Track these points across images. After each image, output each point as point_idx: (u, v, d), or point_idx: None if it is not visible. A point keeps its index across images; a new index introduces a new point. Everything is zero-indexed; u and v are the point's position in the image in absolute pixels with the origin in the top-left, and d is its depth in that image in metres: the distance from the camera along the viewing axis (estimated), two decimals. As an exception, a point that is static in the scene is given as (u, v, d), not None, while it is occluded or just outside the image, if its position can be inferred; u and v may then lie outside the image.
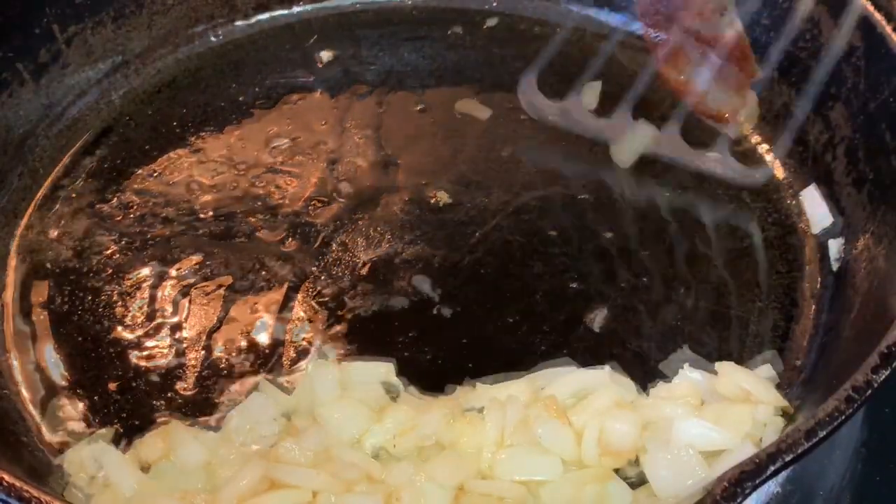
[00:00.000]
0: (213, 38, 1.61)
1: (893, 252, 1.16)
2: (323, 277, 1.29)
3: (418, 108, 1.49)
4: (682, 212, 1.33)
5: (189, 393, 1.19)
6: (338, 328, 1.24)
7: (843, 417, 0.93)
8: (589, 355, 1.18)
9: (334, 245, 1.32)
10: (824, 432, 0.92)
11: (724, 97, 1.34)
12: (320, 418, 1.11)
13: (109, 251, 1.32)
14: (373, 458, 1.09)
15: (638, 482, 1.07)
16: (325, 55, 1.58)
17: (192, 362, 1.21)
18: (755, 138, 1.38)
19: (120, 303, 1.28)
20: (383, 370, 1.18)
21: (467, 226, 1.34)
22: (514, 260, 1.29)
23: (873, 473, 1.19)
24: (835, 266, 1.26)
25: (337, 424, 1.10)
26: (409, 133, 1.46)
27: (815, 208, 1.32)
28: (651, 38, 1.55)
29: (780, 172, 1.38)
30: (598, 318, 1.24)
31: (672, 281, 1.27)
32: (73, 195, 1.40)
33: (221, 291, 1.27)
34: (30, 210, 1.38)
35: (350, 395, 1.13)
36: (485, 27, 1.59)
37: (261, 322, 1.25)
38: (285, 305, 1.26)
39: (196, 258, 1.31)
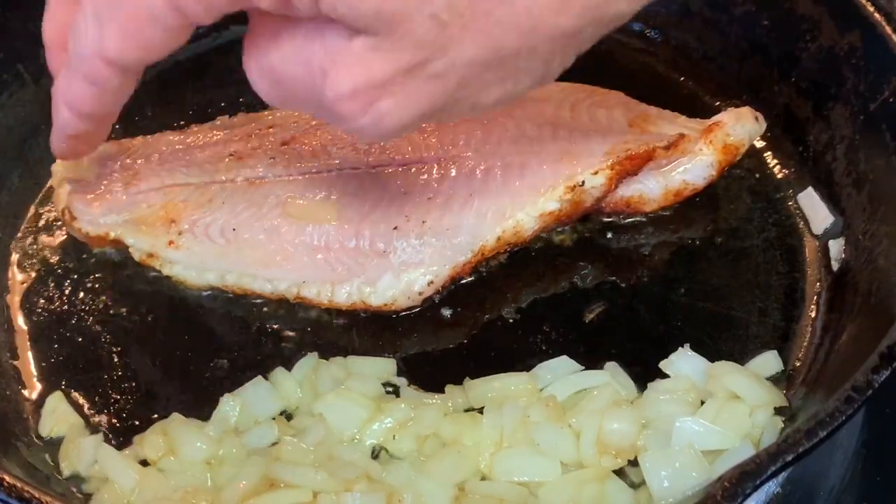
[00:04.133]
0: (213, 39, 1.61)
1: (893, 252, 1.16)
2: (323, 277, 1.29)
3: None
4: (682, 213, 1.33)
5: (188, 393, 1.19)
6: (339, 328, 1.24)
7: (844, 418, 0.93)
8: (589, 355, 1.18)
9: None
10: (825, 433, 0.92)
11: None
12: (320, 413, 1.11)
13: (110, 251, 1.32)
14: (373, 457, 1.10)
15: (638, 482, 1.07)
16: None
17: (192, 362, 1.21)
18: (758, 142, 1.38)
19: (120, 303, 1.28)
20: (384, 368, 1.19)
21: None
22: (513, 260, 1.29)
23: (873, 473, 1.19)
24: (835, 266, 1.26)
25: (337, 418, 1.11)
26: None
27: (815, 209, 1.32)
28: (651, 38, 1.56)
29: (780, 173, 1.38)
30: (597, 318, 1.24)
31: (672, 281, 1.27)
32: (74, 195, 1.40)
33: (223, 292, 1.27)
34: (30, 210, 1.39)
35: (350, 389, 1.14)
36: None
37: (261, 321, 1.25)
38: (286, 305, 1.26)
39: (196, 258, 1.31)
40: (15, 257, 1.33)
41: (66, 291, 1.29)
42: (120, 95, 1.04)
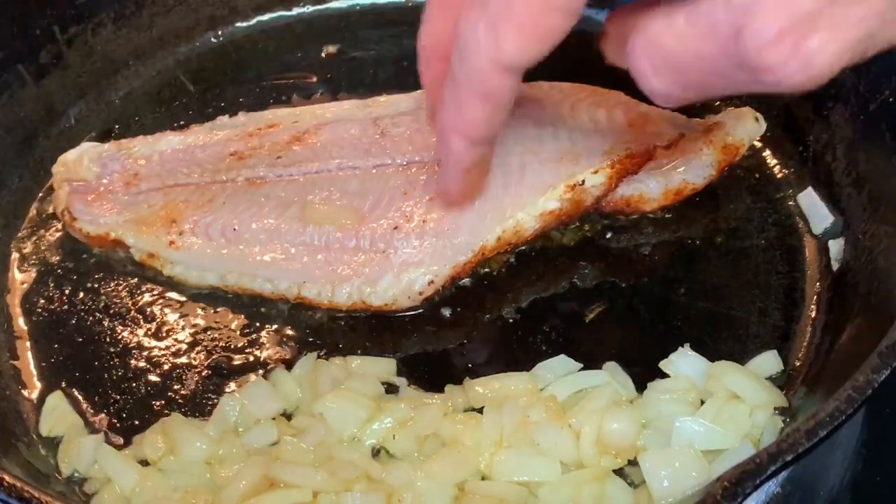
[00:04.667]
0: (213, 39, 1.61)
1: (893, 252, 1.16)
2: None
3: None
4: (682, 212, 1.33)
5: (188, 393, 1.19)
6: (339, 328, 1.24)
7: (844, 418, 0.93)
8: (589, 355, 1.18)
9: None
10: (825, 432, 0.92)
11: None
12: (320, 413, 1.11)
13: (109, 252, 1.32)
14: (373, 457, 1.09)
15: (638, 482, 1.07)
16: (326, 55, 1.58)
17: (192, 362, 1.22)
18: (758, 142, 1.38)
19: (120, 303, 1.28)
20: (384, 368, 1.19)
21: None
22: (513, 260, 1.29)
23: (873, 473, 1.19)
24: (835, 266, 1.26)
25: (337, 418, 1.11)
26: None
27: (815, 209, 1.32)
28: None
29: (780, 173, 1.38)
30: (597, 318, 1.24)
31: (672, 281, 1.27)
32: (74, 195, 1.40)
33: (223, 292, 1.27)
34: (30, 210, 1.39)
35: (350, 389, 1.14)
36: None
37: (261, 321, 1.25)
38: (286, 305, 1.26)
39: (196, 258, 1.31)
40: (15, 257, 1.33)
41: (66, 291, 1.29)
42: (509, 108, 1.01)
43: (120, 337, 1.25)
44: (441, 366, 1.20)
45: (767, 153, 1.40)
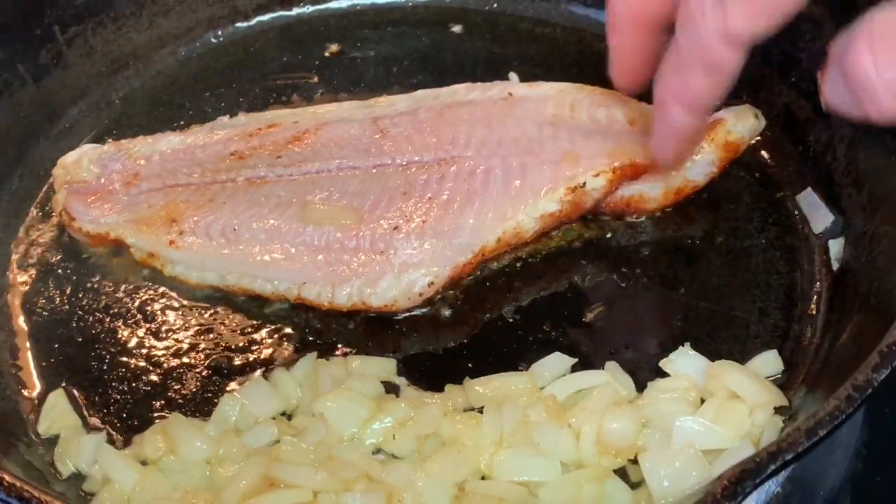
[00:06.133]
0: (213, 39, 1.61)
1: (893, 252, 1.16)
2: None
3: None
4: (682, 212, 1.33)
5: (188, 393, 1.19)
6: (339, 328, 1.24)
7: (844, 417, 0.93)
8: (589, 355, 1.18)
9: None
10: (824, 431, 0.92)
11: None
12: (320, 413, 1.11)
13: (109, 252, 1.32)
14: (373, 457, 1.09)
15: (638, 482, 1.07)
16: (326, 55, 1.58)
17: (192, 362, 1.22)
18: (758, 142, 1.38)
19: (119, 303, 1.28)
20: (384, 367, 1.19)
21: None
22: (514, 259, 1.29)
23: (873, 473, 1.19)
24: (835, 266, 1.26)
25: (337, 418, 1.11)
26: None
27: (815, 209, 1.32)
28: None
29: (780, 173, 1.38)
30: (597, 318, 1.24)
31: (672, 281, 1.27)
32: (74, 195, 1.40)
33: (223, 292, 1.27)
34: (31, 211, 1.39)
35: (350, 389, 1.13)
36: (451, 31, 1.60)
37: (261, 321, 1.25)
38: (286, 305, 1.26)
39: (196, 258, 1.31)
40: (15, 257, 1.33)
41: (67, 291, 1.29)
42: (733, 81, 1.02)
43: (120, 337, 1.25)
44: (441, 366, 1.20)
45: (767, 153, 1.40)
